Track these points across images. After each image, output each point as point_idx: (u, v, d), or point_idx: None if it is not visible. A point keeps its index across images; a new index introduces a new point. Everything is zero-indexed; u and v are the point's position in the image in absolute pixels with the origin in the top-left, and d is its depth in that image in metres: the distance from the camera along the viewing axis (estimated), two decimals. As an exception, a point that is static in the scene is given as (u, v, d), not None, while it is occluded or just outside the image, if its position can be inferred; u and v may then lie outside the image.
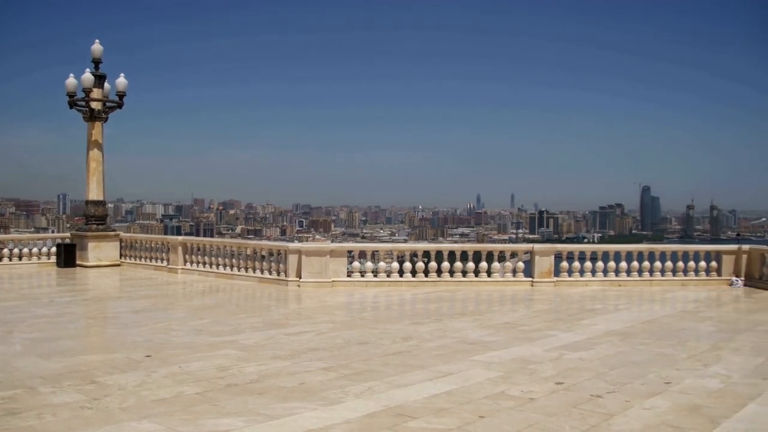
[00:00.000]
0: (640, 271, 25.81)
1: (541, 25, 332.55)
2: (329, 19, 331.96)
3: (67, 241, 31.66)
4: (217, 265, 27.39)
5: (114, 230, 32.80)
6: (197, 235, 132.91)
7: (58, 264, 30.31)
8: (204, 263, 28.07)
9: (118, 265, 31.02)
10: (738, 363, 12.88)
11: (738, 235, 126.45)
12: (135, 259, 31.22)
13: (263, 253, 26.50)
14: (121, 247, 31.71)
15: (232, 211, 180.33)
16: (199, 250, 28.69)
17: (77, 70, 30.39)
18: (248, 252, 26.82)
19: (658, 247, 27.88)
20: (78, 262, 30.49)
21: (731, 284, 25.62)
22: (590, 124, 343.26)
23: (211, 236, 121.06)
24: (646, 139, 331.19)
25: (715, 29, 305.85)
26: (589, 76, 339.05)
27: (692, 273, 26.11)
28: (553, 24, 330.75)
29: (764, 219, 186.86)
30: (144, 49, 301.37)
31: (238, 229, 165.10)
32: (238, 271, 26.51)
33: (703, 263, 26.25)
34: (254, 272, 25.97)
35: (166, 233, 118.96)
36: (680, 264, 26.13)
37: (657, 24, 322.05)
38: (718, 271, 26.26)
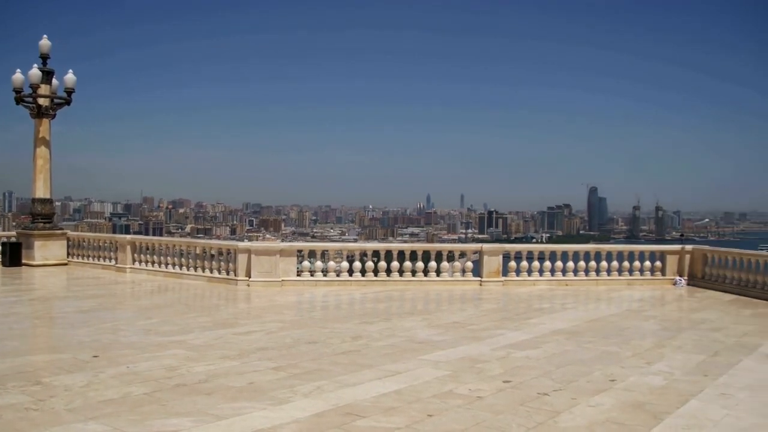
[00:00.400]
0: (586, 271, 26.17)
1: (499, 23, 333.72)
2: (276, 20, 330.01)
3: (13, 239, 31.14)
4: (166, 265, 27.18)
5: (61, 229, 32.39)
6: (146, 234, 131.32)
7: (3, 263, 29.76)
8: (153, 262, 27.82)
9: (66, 264, 30.60)
10: (680, 360, 13.18)
11: (682, 235, 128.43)
12: (83, 258, 30.80)
13: (213, 252, 26.35)
14: (68, 246, 31.28)
15: (181, 210, 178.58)
16: (147, 249, 28.42)
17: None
18: (197, 251, 26.64)
19: (605, 247, 28.29)
20: (24, 261, 29.98)
21: (675, 283, 26.10)
22: (540, 125, 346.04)
23: (161, 235, 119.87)
24: (597, 140, 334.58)
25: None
26: (544, 74, 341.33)
27: (637, 273, 26.56)
28: (513, 21, 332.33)
29: (707, 220, 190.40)
30: (95, 51, 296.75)
31: (188, 228, 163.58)
32: (188, 270, 26.32)
33: (648, 263, 26.76)
34: (203, 271, 25.80)
35: (114, 232, 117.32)
36: (626, 264, 26.53)
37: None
38: (663, 271, 26.76)
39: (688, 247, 27.13)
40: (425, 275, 25.11)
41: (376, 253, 25.75)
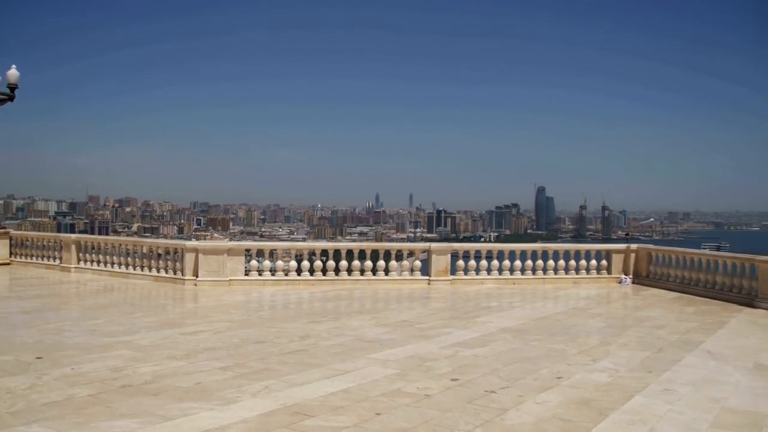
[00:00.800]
0: (533, 270, 26.40)
1: (444, 21, 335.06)
2: (219, 21, 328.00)
3: (-47, 239, 30.50)
4: (112, 264, 26.82)
5: (4, 227, 31.85)
6: (92, 233, 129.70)
7: (-57, 263, 29.18)
8: (98, 262, 27.43)
9: (8, 263, 30.00)
10: (625, 357, 13.37)
11: (627, 234, 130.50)
12: (26, 258, 30.22)
13: (159, 251, 26.04)
14: (11, 246, 30.67)
15: (128, 209, 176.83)
16: (93, 248, 28.02)
17: None
18: (144, 250, 26.33)
19: (552, 246, 28.55)
20: (-36, 261, 29.42)
21: (620, 282, 26.45)
22: (485, 124, 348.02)
23: (107, 234, 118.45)
24: (545, 139, 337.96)
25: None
26: (494, 72, 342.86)
27: (584, 271, 26.88)
28: (465, 20, 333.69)
29: (652, 219, 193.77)
30: (37, 46, 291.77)
31: (135, 227, 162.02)
32: (134, 269, 25.99)
33: (594, 262, 27.06)
34: (150, 271, 25.50)
35: (59, 231, 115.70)
36: (572, 263, 26.88)
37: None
38: (608, 270, 27.09)
39: (633, 246, 27.53)
40: (374, 274, 25.11)
41: (324, 252, 25.69)
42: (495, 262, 26.23)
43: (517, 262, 26.22)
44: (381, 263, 25.22)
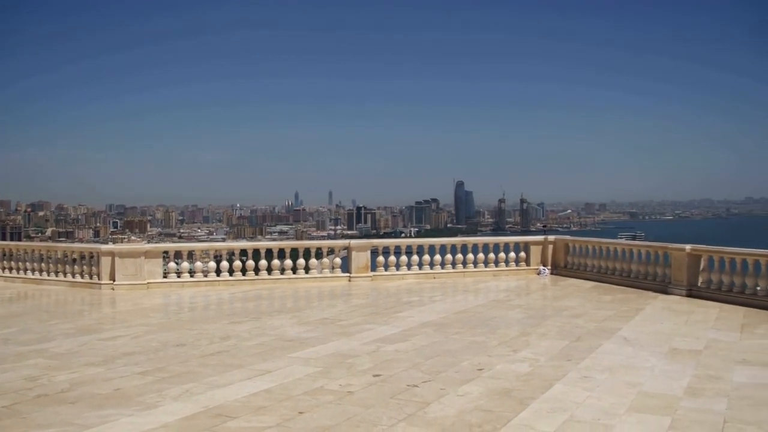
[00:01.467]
0: (453, 264, 26.63)
1: (358, 16, 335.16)
2: (142, 23, 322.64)
3: None
4: (25, 270, 26.15)
5: None
6: (3, 239, 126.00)
7: None
8: (10, 268, 26.69)
9: None
10: (545, 347, 13.59)
11: (545, 226, 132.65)
12: (-67, 267, 29.28)
13: (75, 256, 25.52)
14: None
15: (41, 213, 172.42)
16: (4, 254, 27.26)
17: None
18: (58, 255, 25.76)
19: (471, 239, 28.83)
20: None
21: (539, 273, 26.87)
22: (403, 120, 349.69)
23: (19, 240, 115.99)
24: (463, 134, 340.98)
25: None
26: (418, 66, 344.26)
27: (503, 264, 27.26)
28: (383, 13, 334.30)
29: (569, 211, 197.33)
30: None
31: (49, 232, 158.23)
32: (48, 275, 25.41)
33: (513, 254, 27.48)
34: (65, 276, 24.98)
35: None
36: (492, 255, 27.23)
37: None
38: (527, 261, 27.51)
39: (551, 237, 27.99)
40: (294, 273, 25.05)
41: (244, 252, 25.53)
42: (415, 257, 26.42)
43: (438, 257, 26.45)
44: (301, 261, 25.16)
